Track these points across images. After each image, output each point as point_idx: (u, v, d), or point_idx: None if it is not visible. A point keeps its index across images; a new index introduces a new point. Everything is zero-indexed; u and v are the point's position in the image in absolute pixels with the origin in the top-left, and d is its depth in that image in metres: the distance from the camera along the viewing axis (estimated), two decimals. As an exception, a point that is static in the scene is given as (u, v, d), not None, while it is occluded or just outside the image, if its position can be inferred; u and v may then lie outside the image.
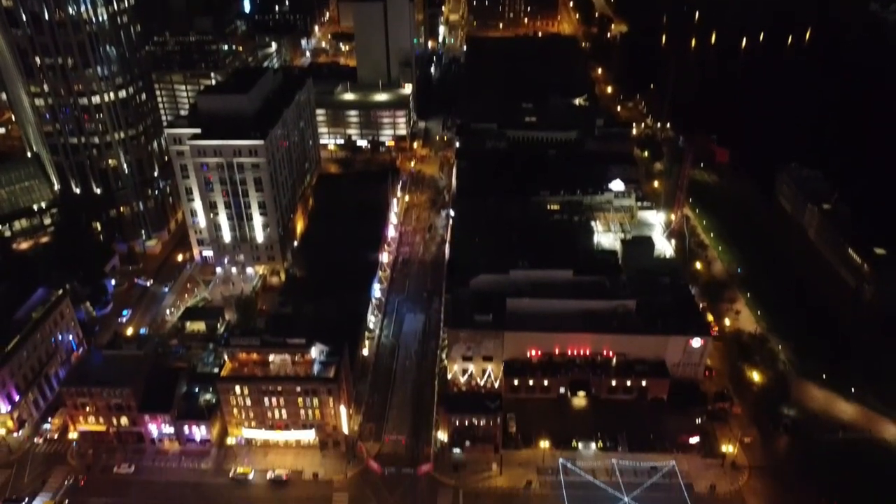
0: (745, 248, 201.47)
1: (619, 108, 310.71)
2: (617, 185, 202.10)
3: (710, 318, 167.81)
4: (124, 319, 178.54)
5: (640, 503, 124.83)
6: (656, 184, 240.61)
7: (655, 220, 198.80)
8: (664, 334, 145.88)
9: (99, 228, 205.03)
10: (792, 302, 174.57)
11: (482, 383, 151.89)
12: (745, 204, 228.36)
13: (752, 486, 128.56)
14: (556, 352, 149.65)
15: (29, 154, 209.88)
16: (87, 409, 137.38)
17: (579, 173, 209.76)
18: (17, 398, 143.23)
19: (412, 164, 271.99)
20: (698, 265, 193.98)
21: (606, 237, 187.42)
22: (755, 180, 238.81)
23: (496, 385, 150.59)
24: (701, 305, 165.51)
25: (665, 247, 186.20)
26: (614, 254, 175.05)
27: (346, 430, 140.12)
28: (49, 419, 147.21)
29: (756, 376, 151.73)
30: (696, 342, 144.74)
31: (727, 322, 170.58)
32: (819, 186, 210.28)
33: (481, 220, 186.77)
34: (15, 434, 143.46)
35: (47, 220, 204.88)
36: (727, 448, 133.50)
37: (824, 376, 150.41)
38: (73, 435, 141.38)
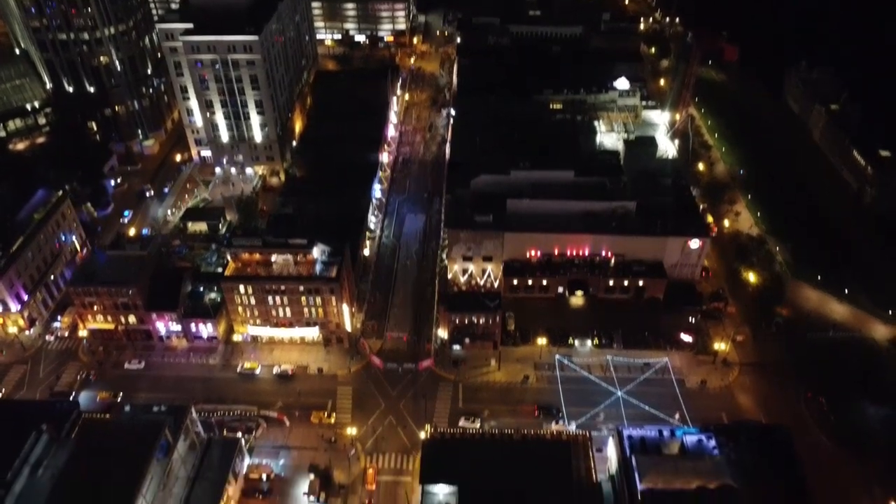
0: (748, 149, 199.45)
1: (626, 2, 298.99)
2: (622, 83, 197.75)
3: (709, 219, 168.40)
4: (126, 220, 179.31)
5: (633, 397, 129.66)
6: (662, 82, 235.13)
7: (660, 120, 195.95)
8: (663, 235, 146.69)
9: (95, 128, 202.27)
10: (792, 204, 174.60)
11: (482, 283, 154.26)
12: (752, 104, 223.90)
13: (741, 382, 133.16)
14: (556, 252, 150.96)
15: (17, 51, 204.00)
16: (95, 308, 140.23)
17: (584, 71, 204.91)
18: (25, 298, 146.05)
19: (412, 60, 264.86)
20: (701, 166, 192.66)
21: (609, 137, 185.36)
22: (763, 79, 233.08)
23: (496, 285, 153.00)
24: (701, 207, 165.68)
25: (668, 147, 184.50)
26: (616, 154, 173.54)
27: (348, 327, 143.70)
28: (58, 318, 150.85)
29: (752, 277, 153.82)
30: (695, 243, 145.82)
31: (726, 223, 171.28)
32: (828, 86, 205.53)
33: (482, 120, 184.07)
34: (27, 332, 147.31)
35: (42, 120, 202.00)
36: (719, 346, 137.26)
37: (819, 277, 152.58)
38: (82, 333, 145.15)
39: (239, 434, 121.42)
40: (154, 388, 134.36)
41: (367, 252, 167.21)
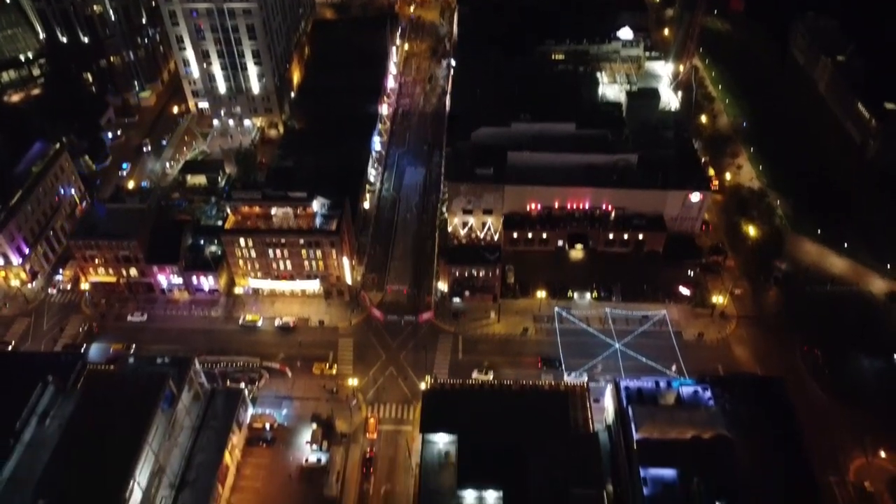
0: (752, 101, 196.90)
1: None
2: (625, 33, 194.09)
3: (711, 172, 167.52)
4: (124, 173, 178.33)
5: (630, 349, 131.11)
6: (666, 32, 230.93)
7: (663, 71, 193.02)
8: (664, 189, 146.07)
9: (90, 80, 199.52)
10: (794, 157, 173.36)
11: (482, 236, 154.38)
12: (757, 55, 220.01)
13: (738, 335, 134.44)
14: (556, 205, 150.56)
15: (7, 0, 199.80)
16: (96, 260, 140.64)
17: (586, 20, 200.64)
18: (27, 251, 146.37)
19: (411, 9, 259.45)
20: (703, 118, 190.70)
21: (612, 89, 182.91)
22: (769, 30, 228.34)
23: (496, 238, 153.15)
24: (703, 160, 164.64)
25: (671, 99, 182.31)
26: (619, 106, 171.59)
27: (349, 280, 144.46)
28: (60, 271, 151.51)
29: (752, 231, 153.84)
30: (695, 196, 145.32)
31: (728, 176, 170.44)
32: (834, 37, 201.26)
33: (483, 71, 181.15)
34: (29, 285, 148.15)
35: (36, 71, 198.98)
36: (718, 299, 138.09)
37: (819, 231, 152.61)
38: (84, 286, 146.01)
39: (242, 385, 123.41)
40: (157, 340, 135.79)
41: (366, 205, 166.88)
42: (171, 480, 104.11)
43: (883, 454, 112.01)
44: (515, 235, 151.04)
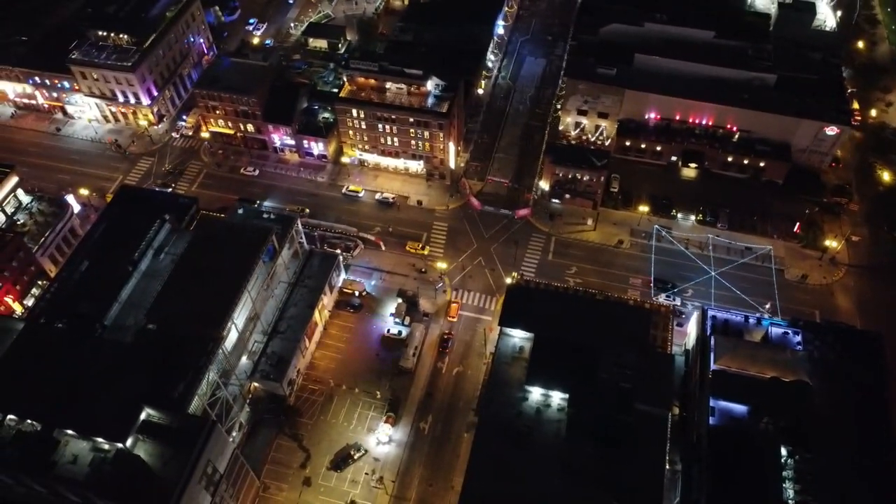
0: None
1: None
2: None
3: (854, 105, 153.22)
4: (251, 28, 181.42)
5: (726, 279, 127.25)
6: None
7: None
8: (797, 116, 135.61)
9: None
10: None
11: (593, 139, 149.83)
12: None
13: (844, 283, 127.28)
14: (677, 118, 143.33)
15: None
16: (217, 112, 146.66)
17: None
18: (156, 93, 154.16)
19: None
20: (860, 44, 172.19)
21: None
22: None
23: (607, 143, 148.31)
24: (849, 90, 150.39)
25: (828, 16, 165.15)
26: (766, 18, 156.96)
27: (452, 165, 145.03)
28: (184, 117, 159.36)
29: (886, 176, 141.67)
30: (831, 130, 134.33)
31: (873, 113, 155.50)
32: None
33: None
34: (155, 127, 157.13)
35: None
36: (831, 243, 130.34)
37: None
38: (205, 134, 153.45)
39: (338, 251, 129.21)
40: (265, 196, 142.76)
41: (480, 91, 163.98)
42: (264, 328, 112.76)
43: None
44: (628, 143, 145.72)
